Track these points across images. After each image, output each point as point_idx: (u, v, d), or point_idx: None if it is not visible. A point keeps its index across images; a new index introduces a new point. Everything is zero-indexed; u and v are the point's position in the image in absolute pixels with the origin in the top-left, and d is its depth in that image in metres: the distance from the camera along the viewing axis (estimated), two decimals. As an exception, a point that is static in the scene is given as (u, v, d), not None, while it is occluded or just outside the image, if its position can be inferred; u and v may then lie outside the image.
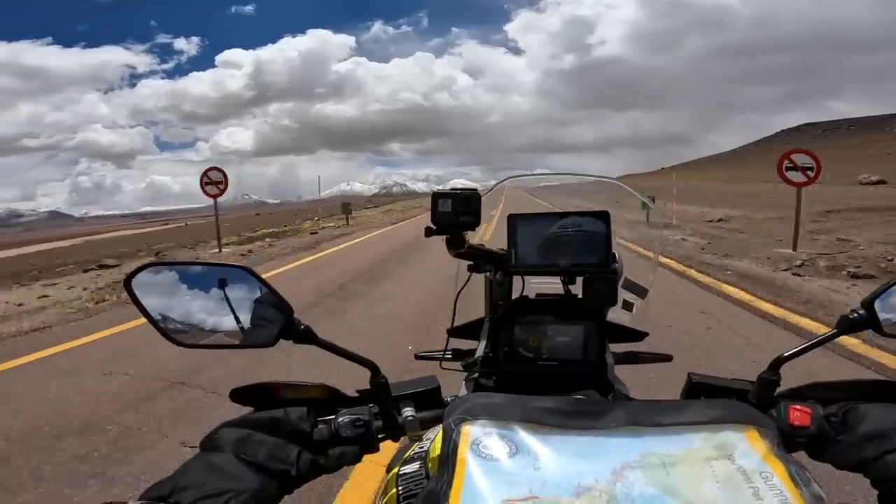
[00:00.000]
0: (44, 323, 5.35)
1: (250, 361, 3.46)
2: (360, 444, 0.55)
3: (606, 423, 0.43)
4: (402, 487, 0.69)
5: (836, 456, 0.49)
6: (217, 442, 0.49)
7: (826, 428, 0.50)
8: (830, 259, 6.41)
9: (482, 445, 0.41)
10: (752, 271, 6.14)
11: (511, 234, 0.82)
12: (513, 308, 0.83)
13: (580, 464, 0.39)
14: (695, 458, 0.39)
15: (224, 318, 0.54)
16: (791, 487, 0.36)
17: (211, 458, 0.47)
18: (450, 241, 0.77)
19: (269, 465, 0.48)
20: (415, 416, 0.58)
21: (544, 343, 0.79)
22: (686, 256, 7.43)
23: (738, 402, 0.47)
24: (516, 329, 0.80)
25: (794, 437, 0.50)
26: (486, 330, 0.85)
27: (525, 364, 0.80)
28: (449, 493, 0.37)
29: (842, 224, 10.45)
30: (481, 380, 0.82)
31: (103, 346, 4.36)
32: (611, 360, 0.80)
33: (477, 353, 0.83)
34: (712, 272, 6.22)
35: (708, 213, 15.52)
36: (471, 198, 0.72)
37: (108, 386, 3.32)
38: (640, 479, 0.37)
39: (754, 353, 3.34)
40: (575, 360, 0.78)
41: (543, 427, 0.43)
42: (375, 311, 5.25)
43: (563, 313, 0.81)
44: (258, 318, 0.53)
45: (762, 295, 4.96)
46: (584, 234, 0.79)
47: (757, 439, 0.41)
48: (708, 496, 0.36)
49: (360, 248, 11.66)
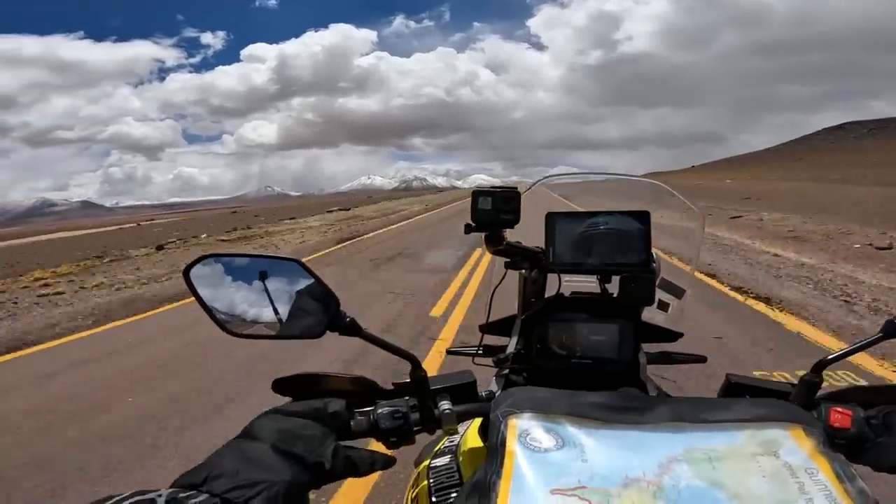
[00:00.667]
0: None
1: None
2: (398, 436, 0.57)
3: (651, 419, 0.44)
4: (434, 480, 0.70)
5: (875, 458, 0.49)
6: (256, 430, 0.49)
7: (866, 430, 0.50)
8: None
9: (530, 438, 0.42)
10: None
11: (549, 232, 0.83)
12: (548, 305, 0.83)
13: (627, 456, 0.40)
14: (740, 453, 0.40)
15: (273, 308, 0.55)
16: (836, 483, 0.37)
17: (247, 447, 0.47)
18: (489, 238, 0.78)
19: (306, 457, 0.48)
20: (452, 409, 0.59)
21: (578, 341, 0.80)
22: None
23: (783, 402, 0.47)
24: (550, 326, 0.81)
25: (835, 438, 0.50)
26: (518, 326, 0.86)
27: (558, 361, 0.80)
28: (498, 483, 0.38)
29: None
30: (512, 376, 0.83)
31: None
32: (644, 359, 0.80)
33: (508, 350, 0.84)
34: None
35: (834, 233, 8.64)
36: (511, 196, 0.73)
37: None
38: (686, 473, 0.38)
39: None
40: (608, 358, 0.79)
41: (589, 420, 0.43)
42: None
43: (598, 312, 0.81)
44: (307, 309, 0.55)
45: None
46: (623, 233, 0.79)
47: (802, 437, 0.41)
48: (755, 490, 0.37)
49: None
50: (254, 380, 3.31)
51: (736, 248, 7.88)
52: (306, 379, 0.58)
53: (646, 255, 0.79)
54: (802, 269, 6.01)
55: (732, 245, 8.24)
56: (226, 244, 14.78)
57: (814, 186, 29.25)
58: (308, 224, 20.62)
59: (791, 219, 11.39)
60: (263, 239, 14.57)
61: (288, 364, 3.39)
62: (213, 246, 14.11)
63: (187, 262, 0.55)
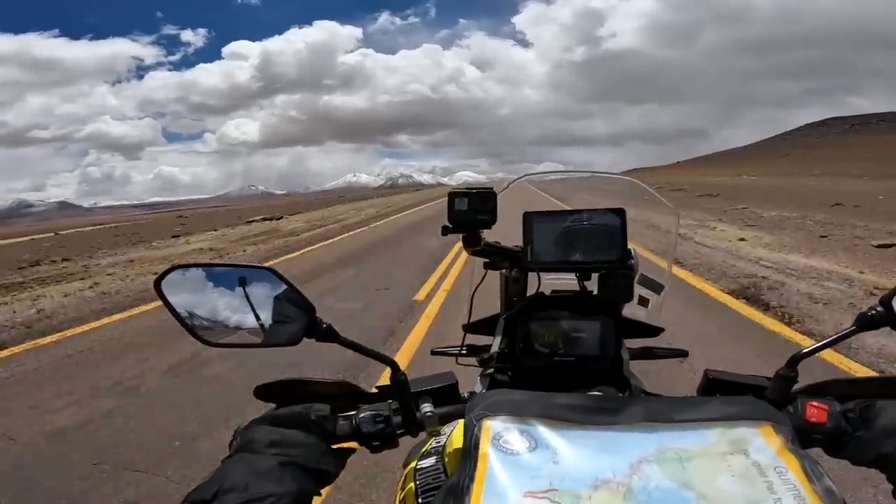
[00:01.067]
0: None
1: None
2: (381, 440, 0.57)
3: (624, 419, 0.44)
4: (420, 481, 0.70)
5: (854, 452, 0.49)
6: (254, 443, 0.50)
7: (843, 424, 0.50)
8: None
9: (503, 440, 0.42)
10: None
11: (526, 231, 0.83)
12: (529, 304, 0.84)
13: (598, 458, 0.40)
14: (710, 452, 0.40)
15: (248, 317, 0.55)
16: (804, 481, 0.37)
17: (251, 460, 0.48)
18: (466, 239, 0.78)
19: (308, 466, 0.49)
20: (433, 411, 0.59)
21: (560, 339, 0.80)
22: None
23: (753, 399, 0.48)
24: (532, 325, 0.81)
25: (811, 433, 0.51)
26: (502, 326, 0.86)
27: (541, 359, 0.80)
28: (471, 487, 0.38)
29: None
30: (496, 375, 0.83)
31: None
32: (626, 355, 0.80)
33: (492, 349, 0.84)
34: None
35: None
36: (487, 196, 0.73)
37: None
38: (656, 473, 0.38)
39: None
40: (591, 355, 0.79)
41: (562, 423, 0.44)
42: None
43: (579, 309, 0.81)
44: (282, 316, 0.55)
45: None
46: (600, 230, 0.80)
47: (771, 435, 0.41)
48: (723, 490, 0.37)
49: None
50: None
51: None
52: (289, 385, 0.57)
53: (623, 252, 0.80)
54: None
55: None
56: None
57: (848, 183, 22.73)
58: (189, 246, 12.80)
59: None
60: (45, 288, 7.33)
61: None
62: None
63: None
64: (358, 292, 5.89)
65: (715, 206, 14.86)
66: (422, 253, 8.62)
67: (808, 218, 10.27)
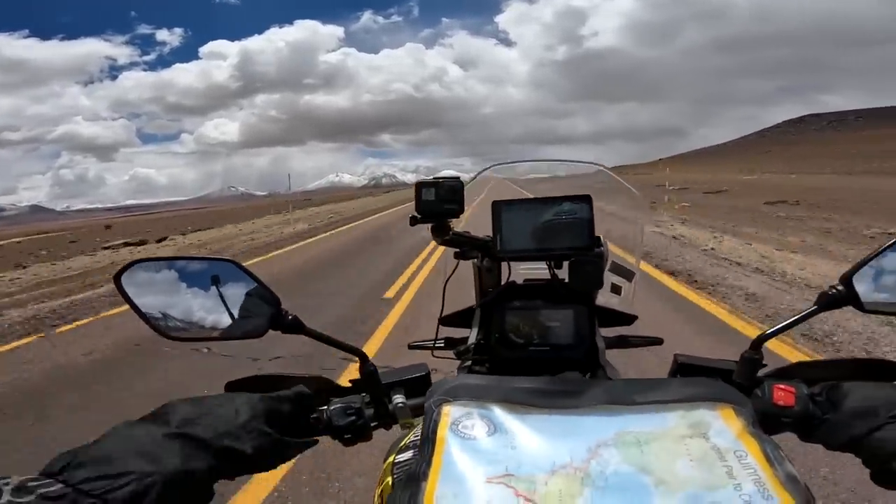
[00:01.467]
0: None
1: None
2: (353, 433, 0.56)
3: (584, 402, 0.44)
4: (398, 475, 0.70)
5: (826, 435, 0.48)
6: (164, 414, 0.44)
7: (811, 407, 0.50)
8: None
9: (461, 426, 0.41)
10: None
11: (495, 219, 0.82)
12: (501, 294, 0.84)
13: (557, 442, 0.40)
14: (669, 436, 0.40)
15: (212, 310, 0.54)
16: (765, 466, 0.36)
17: (137, 430, 0.41)
18: (435, 228, 0.78)
19: (212, 443, 0.43)
20: (405, 402, 0.59)
21: (535, 328, 0.80)
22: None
23: (715, 381, 0.47)
24: (507, 315, 0.81)
25: (780, 417, 0.50)
26: (478, 317, 0.86)
27: (517, 350, 0.80)
28: (428, 472, 0.38)
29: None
30: (475, 367, 0.83)
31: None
32: (602, 343, 0.81)
33: (469, 341, 0.83)
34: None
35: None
36: (454, 186, 0.73)
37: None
38: (614, 457, 0.38)
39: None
40: (566, 344, 0.79)
41: (522, 407, 0.43)
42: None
43: (552, 298, 0.81)
44: (246, 309, 0.54)
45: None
46: (567, 218, 0.80)
47: (732, 417, 0.41)
48: (680, 474, 0.36)
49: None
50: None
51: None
52: (261, 380, 0.56)
53: (590, 239, 0.80)
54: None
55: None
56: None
57: (871, 181, 21.63)
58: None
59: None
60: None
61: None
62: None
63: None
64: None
65: (828, 227, 9.50)
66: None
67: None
